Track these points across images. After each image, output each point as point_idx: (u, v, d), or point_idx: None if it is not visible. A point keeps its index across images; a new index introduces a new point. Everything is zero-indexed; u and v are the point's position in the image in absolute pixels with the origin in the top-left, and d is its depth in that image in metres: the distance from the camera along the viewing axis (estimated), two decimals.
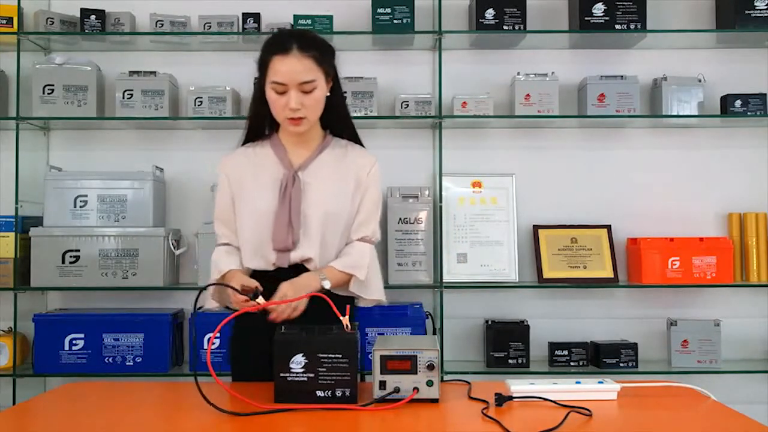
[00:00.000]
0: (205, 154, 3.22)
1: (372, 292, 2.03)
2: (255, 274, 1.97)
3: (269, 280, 1.88)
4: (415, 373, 1.63)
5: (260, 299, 1.78)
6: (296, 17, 3.07)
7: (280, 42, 1.92)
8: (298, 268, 1.95)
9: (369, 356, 1.66)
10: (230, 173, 2.03)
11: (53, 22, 3.08)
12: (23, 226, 3.01)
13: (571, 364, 3.03)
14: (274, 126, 2.05)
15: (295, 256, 1.95)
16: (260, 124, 2.05)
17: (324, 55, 1.93)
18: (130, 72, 3.09)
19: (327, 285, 1.90)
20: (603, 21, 3.04)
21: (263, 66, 1.93)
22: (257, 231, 1.96)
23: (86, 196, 3.01)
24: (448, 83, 3.12)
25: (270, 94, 1.92)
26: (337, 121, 2.06)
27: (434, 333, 2.93)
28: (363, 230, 2.02)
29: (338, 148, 2.04)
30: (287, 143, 2.02)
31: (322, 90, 1.93)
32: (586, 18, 3.04)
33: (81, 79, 3.06)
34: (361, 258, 1.99)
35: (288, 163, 1.99)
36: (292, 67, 1.88)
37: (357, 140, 2.10)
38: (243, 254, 2.00)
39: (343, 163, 2.02)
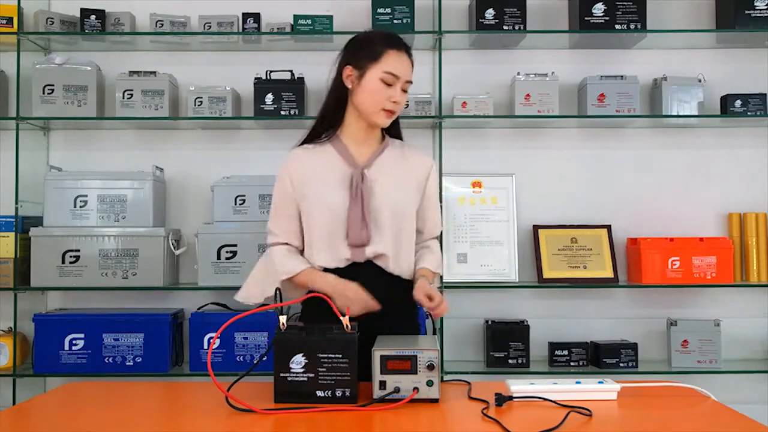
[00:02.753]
0: (205, 154, 3.23)
1: (436, 281, 2.18)
2: (325, 271, 2.00)
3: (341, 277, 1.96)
4: (415, 373, 1.63)
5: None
6: (296, 17, 3.07)
7: (398, 39, 2.02)
8: (371, 264, 2.00)
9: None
10: (294, 172, 2.05)
11: (53, 22, 3.08)
12: (23, 226, 3.01)
13: (571, 364, 3.03)
14: (338, 122, 2.07)
15: (369, 252, 1.99)
16: (334, 115, 2.07)
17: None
18: (130, 72, 3.09)
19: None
20: (603, 21, 3.04)
21: (375, 56, 1.98)
22: (329, 228, 1.99)
23: (86, 196, 3.01)
24: (448, 83, 3.12)
25: (376, 83, 1.97)
26: (394, 124, 2.12)
27: (434, 333, 2.93)
28: (435, 230, 2.16)
29: (396, 148, 2.10)
30: (349, 143, 2.06)
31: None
32: (586, 18, 3.04)
33: (81, 79, 3.06)
34: (439, 256, 2.17)
35: (353, 161, 2.03)
36: (406, 64, 2.00)
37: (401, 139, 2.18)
38: (312, 251, 2.02)
39: (403, 163, 2.08)
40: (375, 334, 1.79)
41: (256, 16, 3.09)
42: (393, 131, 2.14)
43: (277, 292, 1.73)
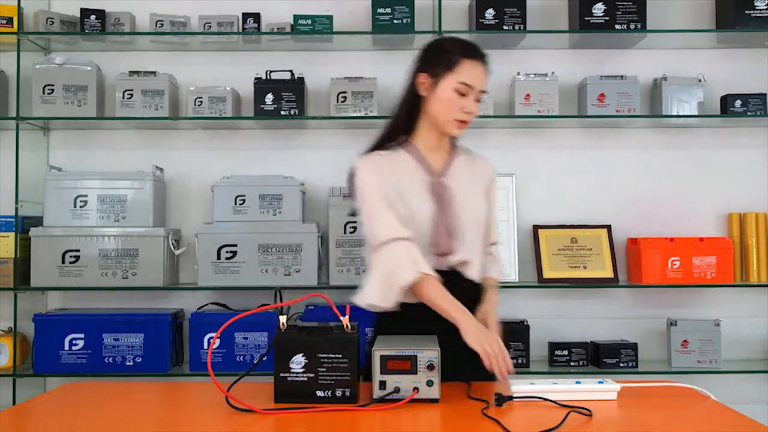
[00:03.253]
0: (205, 154, 3.23)
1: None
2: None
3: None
4: (415, 373, 1.63)
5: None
6: (296, 17, 3.07)
7: (474, 48, 2.00)
8: (453, 271, 1.98)
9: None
10: (382, 174, 1.97)
11: (53, 22, 3.08)
12: (23, 226, 3.01)
13: (571, 364, 3.03)
14: (411, 128, 2.04)
15: (453, 260, 1.98)
16: (407, 122, 2.03)
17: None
18: (130, 72, 3.09)
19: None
20: (603, 21, 3.04)
21: (451, 65, 1.95)
22: (415, 237, 1.93)
23: (86, 196, 3.01)
24: None
25: (450, 93, 1.95)
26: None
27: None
28: (495, 234, 2.16)
29: (464, 155, 2.10)
30: (425, 149, 2.03)
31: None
32: (586, 18, 3.04)
33: (81, 79, 3.06)
34: (501, 262, 2.21)
35: (430, 168, 2.01)
36: (481, 74, 1.98)
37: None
38: None
39: (473, 170, 2.09)
40: (456, 342, 1.80)
41: (256, 16, 3.09)
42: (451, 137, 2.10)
43: (277, 292, 1.73)
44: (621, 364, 3.00)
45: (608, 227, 3.16)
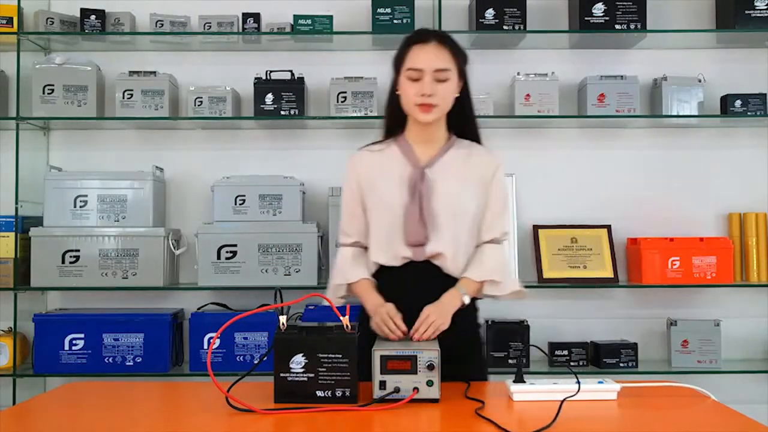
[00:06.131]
0: (205, 154, 3.23)
1: (506, 287, 2.04)
2: (381, 269, 2.01)
3: (393, 277, 1.99)
4: (415, 373, 1.63)
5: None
6: (296, 17, 3.07)
7: (420, 33, 2.01)
8: (429, 264, 1.99)
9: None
10: (360, 172, 2.06)
11: (53, 22, 3.07)
12: (23, 226, 3.01)
13: (571, 364, 3.03)
14: (402, 124, 2.07)
15: (428, 251, 1.98)
16: (395, 123, 2.09)
17: (459, 53, 2.00)
18: (130, 72, 3.09)
19: (467, 300, 1.97)
20: (603, 21, 3.04)
21: (400, 58, 1.99)
22: (388, 227, 1.99)
23: (86, 196, 3.01)
24: None
25: (404, 83, 1.97)
26: (465, 124, 2.09)
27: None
28: (492, 232, 2.05)
29: (462, 149, 2.07)
30: (414, 142, 2.05)
31: (453, 84, 1.98)
32: (586, 18, 3.04)
33: (81, 79, 3.06)
34: (493, 261, 2.03)
35: (415, 160, 2.02)
36: (430, 54, 1.95)
37: (479, 142, 2.12)
38: (372, 250, 2.03)
39: (467, 163, 2.04)
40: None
41: (256, 16, 3.09)
42: (469, 134, 2.10)
43: (277, 292, 1.74)
44: (621, 364, 3.00)
45: (608, 227, 3.16)
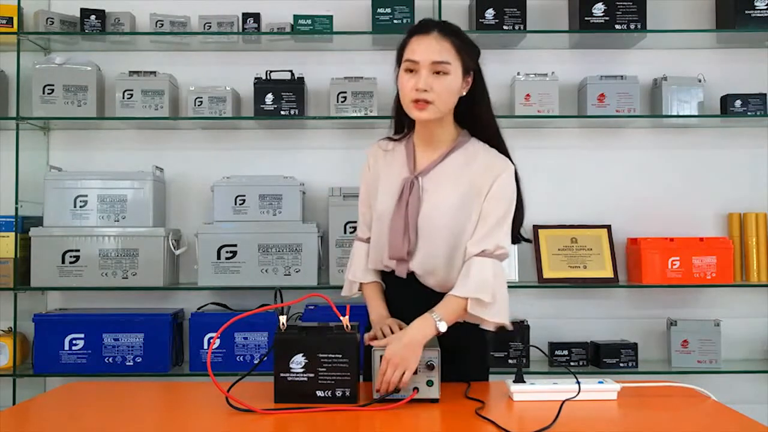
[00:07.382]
0: (205, 154, 3.23)
1: (493, 314, 1.77)
2: (381, 274, 1.95)
3: (389, 283, 1.93)
4: (415, 373, 1.63)
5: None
6: (296, 17, 3.07)
7: (422, 23, 1.86)
8: (414, 279, 1.86)
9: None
10: (372, 164, 1.97)
11: (53, 22, 3.07)
12: (23, 226, 3.01)
13: (571, 364, 3.03)
14: (412, 124, 1.93)
15: (412, 266, 1.84)
16: (402, 122, 1.97)
17: (465, 46, 1.84)
18: (130, 72, 3.09)
19: (443, 327, 1.71)
20: (603, 21, 3.03)
21: (401, 49, 1.84)
22: (377, 235, 1.90)
23: (86, 196, 3.01)
24: None
25: (402, 76, 1.82)
26: (482, 130, 1.92)
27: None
28: (483, 244, 1.80)
29: (466, 153, 1.87)
30: (418, 144, 1.91)
31: (456, 78, 1.81)
32: (586, 18, 3.04)
33: (81, 79, 3.06)
34: (479, 277, 1.76)
35: (413, 166, 1.88)
36: (428, 45, 1.79)
37: (502, 148, 1.93)
38: (370, 250, 1.95)
39: (467, 170, 1.84)
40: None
41: (256, 16, 3.09)
42: (481, 135, 1.92)
43: (277, 292, 1.73)
44: (621, 364, 3.00)
45: (608, 227, 3.16)
